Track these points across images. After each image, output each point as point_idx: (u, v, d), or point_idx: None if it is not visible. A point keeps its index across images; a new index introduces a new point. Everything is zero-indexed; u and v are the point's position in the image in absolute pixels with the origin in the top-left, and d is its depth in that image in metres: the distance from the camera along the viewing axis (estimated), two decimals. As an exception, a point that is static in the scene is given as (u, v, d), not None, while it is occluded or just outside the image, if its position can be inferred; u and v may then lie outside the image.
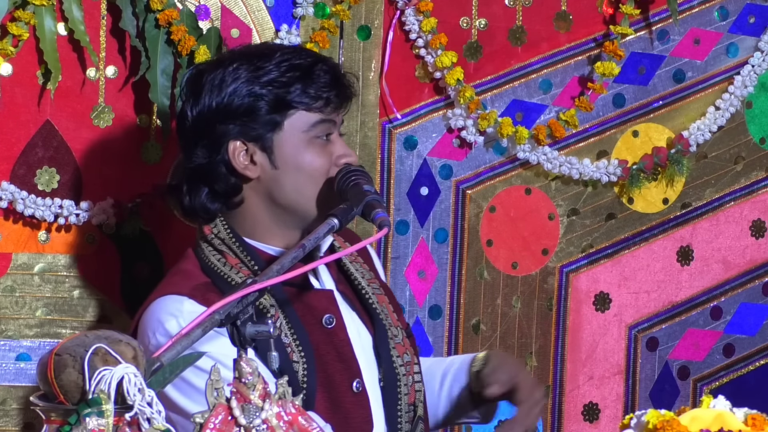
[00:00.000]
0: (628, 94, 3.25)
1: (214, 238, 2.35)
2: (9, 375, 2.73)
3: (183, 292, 2.27)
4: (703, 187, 3.34)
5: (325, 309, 2.33)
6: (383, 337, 2.37)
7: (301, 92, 2.32)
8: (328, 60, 2.43)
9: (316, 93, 2.33)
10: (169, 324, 2.24)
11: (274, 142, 2.33)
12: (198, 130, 2.36)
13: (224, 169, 2.34)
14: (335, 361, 2.31)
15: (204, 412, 1.63)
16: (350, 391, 2.30)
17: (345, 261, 2.42)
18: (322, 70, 2.35)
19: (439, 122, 3.08)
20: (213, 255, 2.34)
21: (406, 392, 2.35)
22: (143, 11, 2.74)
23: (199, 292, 2.26)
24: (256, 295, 1.77)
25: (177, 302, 2.26)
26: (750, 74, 3.30)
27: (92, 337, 1.56)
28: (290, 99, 2.32)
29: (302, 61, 2.35)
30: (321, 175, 2.32)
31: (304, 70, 2.34)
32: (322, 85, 2.33)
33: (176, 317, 2.24)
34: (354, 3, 2.93)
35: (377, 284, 2.45)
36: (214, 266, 2.33)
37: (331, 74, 2.36)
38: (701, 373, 3.37)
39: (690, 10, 3.27)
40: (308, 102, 2.32)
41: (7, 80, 2.69)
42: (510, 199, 3.17)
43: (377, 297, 2.42)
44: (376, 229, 2.13)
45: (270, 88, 2.32)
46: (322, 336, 2.31)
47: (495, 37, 3.11)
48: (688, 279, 3.34)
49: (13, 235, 2.73)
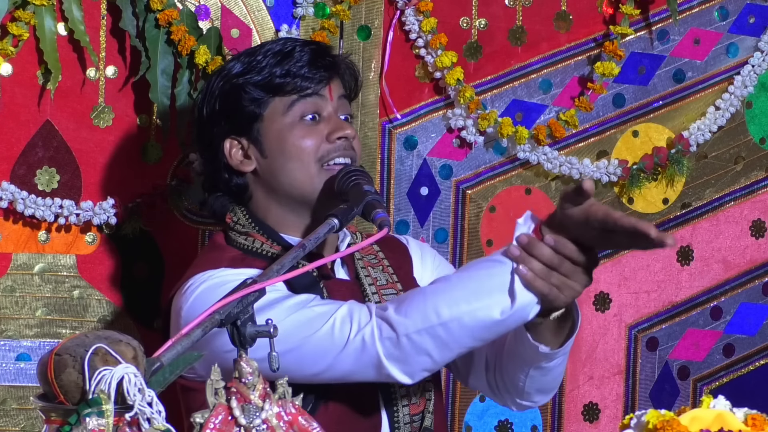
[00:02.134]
0: (628, 94, 3.25)
1: (236, 224, 2.35)
2: (9, 375, 2.73)
3: (220, 265, 2.25)
4: (703, 187, 3.34)
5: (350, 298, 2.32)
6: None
7: (276, 76, 2.30)
8: (313, 42, 2.40)
9: (290, 73, 2.30)
10: (206, 284, 2.20)
11: (260, 132, 2.32)
12: (199, 141, 2.40)
13: (225, 173, 2.35)
14: None
15: (204, 412, 1.63)
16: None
17: (357, 264, 2.40)
18: (302, 51, 2.33)
19: (439, 122, 3.08)
20: (240, 237, 2.33)
21: (406, 403, 2.33)
22: (143, 11, 2.74)
23: (236, 261, 2.26)
24: (256, 295, 1.77)
25: (212, 270, 2.23)
26: (750, 74, 3.31)
27: (92, 337, 1.56)
28: (266, 84, 2.31)
29: (281, 47, 2.34)
30: (309, 156, 2.30)
31: (282, 54, 2.32)
32: (298, 65, 2.31)
33: (211, 278, 2.21)
34: (354, 3, 2.93)
35: (395, 290, 2.39)
36: (243, 245, 2.32)
37: (310, 54, 2.32)
38: (701, 373, 3.37)
39: (690, 10, 3.27)
40: (282, 84, 2.31)
41: (7, 80, 2.69)
42: (510, 199, 3.17)
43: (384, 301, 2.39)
44: (376, 229, 2.12)
45: (248, 77, 2.31)
46: None
47: (495, 37, 3.11)
48: (688, 279, 3.34)
49: (13, 235, 2.73)
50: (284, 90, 2.31)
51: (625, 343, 3.30)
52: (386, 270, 2.43)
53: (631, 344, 3.30)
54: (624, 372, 3.28)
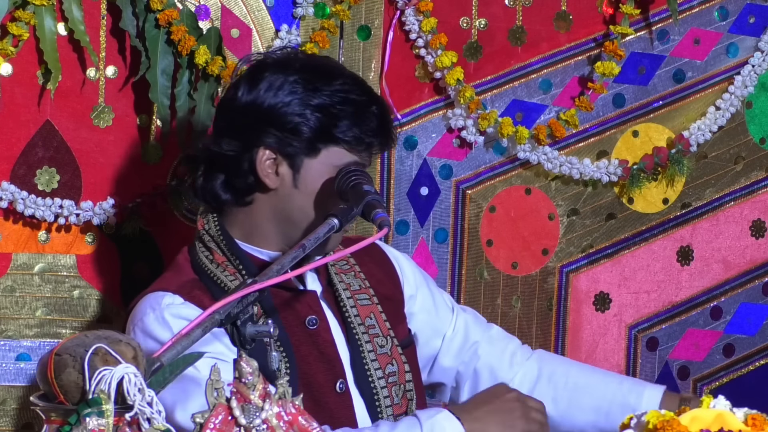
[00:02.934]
0: (628, 94, 3.25)
1: (204, 234, 2.37)
2: (9, 375, 2.73)
3: (169, 288, 2.30)
4: (703, 187, 3.34)
5: (308, 310, 2.35)
6: (355, 347, 2.37)
7: (347, 130, 2.32)
8: (381, 101, 2.41)
9: (361, 135, 2.33)
10: (147, 317, 2.27)
11: (303, 165, 2.32)
12: (238, 121, 2.35)
13: (247, 167, 2.34)
14: (318, 361, 2.32)
15: (204, 412, 1.63)
16: (333, 392, 2.32)
17: (330, 270, 2.42)
18: (372, 113, 2.35)
19: (439, 122, 3.08)
20: (202, 252, 2.36)
21: (389, 404, 2.35)
22: (143, 11, 2.74)
23: (185, 289, 2.29)
24: (256, 295, 1.77)
25: (158, 298, 2.29)
26: (750, 74, 3.30)
27: (92, 337, 1.56)
28: (335, 133, 2.32)
29: (357, 97, 2.34)
30: (326, 209, 2.30)
31: (358, 107, 2.34)
32: (368, 129, 2.34)
33: (154, 310, 2.27)
34: (354, 3, 2.93)
35: (368, 294, 2.44)
36: (203, 263, 2.35)
37: (379, 119, 2.36)
38: (701, 373, 3.37)
39: (690, 10, 3.27)
40: (350, 142, 2.32)
41: (7, 80, 2.69)
42: (510, 199, 3.17)
43: (362, 308, 2.41)
44: (376, 229, 2.13)
45: (319, 116, 2.31)
46: (304, 336, 2.33)
47: (495, 37, 3.11)
48: (688, 279, 3.34)
49: (13, 235, 2.73)
50: (351, 147, 2.33)
51: (625, 343, 3.29)
52: (358, 276, 2.46)
53: (631, 344, 3.30)
54: (624, 372, 3.28)
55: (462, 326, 2.58)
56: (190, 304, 2.25)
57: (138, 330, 2.28)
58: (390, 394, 2.36)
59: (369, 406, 2.35)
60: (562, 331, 3.22)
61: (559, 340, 3.22)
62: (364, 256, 2.49)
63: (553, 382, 2.51)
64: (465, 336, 2.57)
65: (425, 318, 2.55)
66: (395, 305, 2.50)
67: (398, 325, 2.47)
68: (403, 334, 2.47)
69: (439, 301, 2.59)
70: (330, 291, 2.41)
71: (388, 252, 2.57)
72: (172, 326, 2.22)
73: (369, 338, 2.39)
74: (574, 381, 2.50)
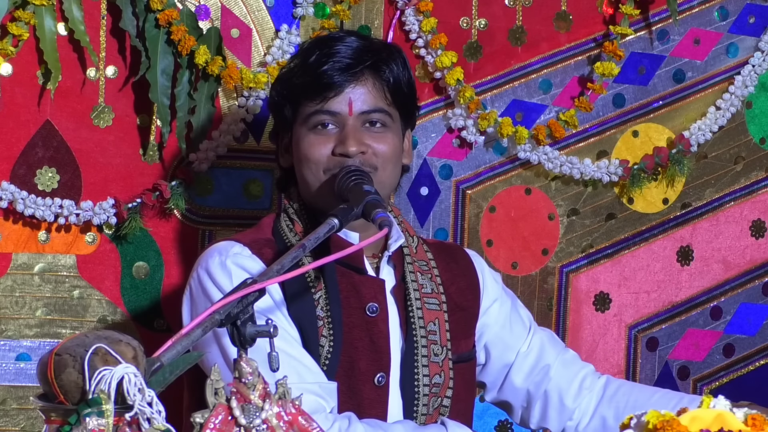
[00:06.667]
0: (628, 94, 3.25)
1: (288, 207, 2.42)
2: (9, 375, 2.73)
3: (242, 240, 2.35)
4: (703, 187, 3.34)
5: (372, 297, 2.34)
6: (410, 348, 2.36)
7: (304, 84, 2.36)
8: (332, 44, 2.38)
9: (312, 82, 2.35)
10: (213, 260, 2.30)
11: (293, 134, 2.40)
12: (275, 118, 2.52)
13: (277, 157, 2.49)
14: (367, 349, 2.31)
15: (204, 411, 1.63)
16: (371, 383, 2.31)
17: (406, 267, 2.41)
18: (323, 56, 2.36)
19: (439, 122, 3.08)
20: (285, 221, 2.40)
21: (424, 412, 2.35)
22: (143, 11, 2.74)
23: (256, 244, 2.34)
24: (256, 295, 1.77)
25: (228, 246, 2.33)
26: (750, 74, 3.31)
27: (92, 337, 1.56)
28: (296, 91, 2.37)
29: (317, 55, 2.36)
30: (316, 167, 2.34)
31: (306, 57, 2.38)
32: (318, 74, 2.34)
33: (221, 255, 2.30)
34: (354, 3, 2.93)
35: (438, 300, 2.42)
36: (282, 229, 2.39)
37: (331, 61, 2.35)
38: (701, 373, 3.37)
39: (690, 10, 3.28)
40: (307, 93, 2.36)
41: (7, 80, 2.69)
42: (510, 199, 3.17)
43: (428, 312, 2.40)
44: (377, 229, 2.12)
45: (289, 82, 2.39)
46: (360, 321, 2.32)
47: (495, 37, 3.11)
48: (688, 279, 3.34)
49: (13, 235, 2.73)
50: (308, 98, 2.35)
51: (625, 343, 3.30)
52: (434, 279, 2.45)
53: (631, 344, 3.30)
54: (624, 372, 3.28)
55: (537, 345, 2.55)
56: (257, 258, 2.30)
57: (201, 269, 2.31)
58: (428, 403, 2.36)
59: (406, 408, 2.34)
60: (562, 331, 3.22)
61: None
62: (450, 262, 2.50)
63: (615, 401, 2.49)
64: (539, 355, 2.55)
65: (498, 331, 2.54)
66: (466, 317, 2.48)
67: (462, 339, 2.45)
68: (464, 348, 2.45)
69: (516, 317, 2.57)
70: (401, 287, 2.40)
71: (476, 263, 2.56)
72: (232, 273, 2.26)
73: (427, 343, 2.37)
74: (635, 399, 2.48)
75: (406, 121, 2.43)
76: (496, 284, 2.57)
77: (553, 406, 2.52)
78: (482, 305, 2.52)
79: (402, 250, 2.41)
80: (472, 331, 2.49)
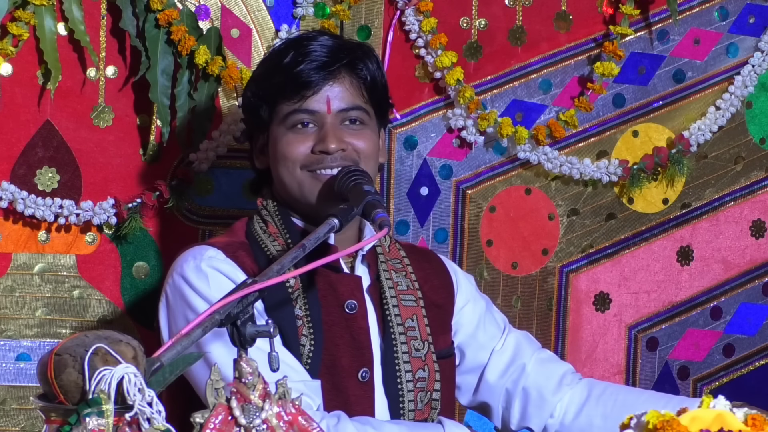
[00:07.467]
0: (628, 94, 3.25)
1: (262, 209, 2.42)
2: (9, 375, 2.73)
3: (215, 245, 2.34)
4: (703, 187, 3.34)
5: (350, 294, 2.35)
6: (388, 344, 2.36)
7: (280, 84, 2.36)
8: (306, 44, 2.39)
9: (289, 82, 2.35)
10: (187, 264, 2.30)
11: (270, 134, 2.39)
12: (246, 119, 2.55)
13: (251, 160, 2.48)
14: (348, 346, 2.32)
15: (204, 412, 1.63)
16: (355, 379, 2.31)
17: (380, 266, 2.41)
18: (298, 56, 2.36)
19: (439, 122, 3.08)
20: (258, 223, 2.40)
21: (412, 408, 2.35)
22: (143, 11, 2.74)
23: (230, 248, 2.33)
24: (256, 295, 1.77)
25: (203, 250, 2.33)
26: (750, 74, 3.31)
27: (92, 337, 1.56)
28: (273, 92, 2.37)
29: (292, 56, 2.36)
30: (293, 164, 2.34)
31: (290, 57, 2.36)
32: (294, 74, 2.35)
33: (195, 259, 2.30)
34: (354, 3, 2.93)
35: (414, 297, 2.43)
36: (256, 232, 2.39)
37: (307, 60, 2.35)
38: (701, 373, 3.37)
39: (690, 10, 3.27)
40: (284, 93, 2.36)
41: (7, 80, 2.69)
42: (510, 199, 3.17)
43: (405, 308, 2.40)
44: (377, 229, 2.12)
45: (264, 82, 2.39)
46: (339, 319, 2.33)
47: (495, 37, 3.11)
48: (688, 279, 3.34)
49: (13, 235, 2.73)
50: (286, 97, 2.35)
51: (625, 343, 3.30)
52: (409, 276, 2.45)
53: (631, 344, 3.30)
54: (624, 372, 3.28)
55: (512, 343, 2.54)
56: (231, 262, 2.29)
57: (176, 275, 2.31)
58: (415, 398, 2.35)
59: (392, 404, 2.34)
60: (562, 331, 3.22)
61: (559, 340, 3.22)
62: (423, 262, 2.50)
63: (602, 401, 2.47)
64: (514, 353, 2.53)
65: (471, 331, 2.53)
66: (442, 314, 2.48)
67: (440, 335, 2.45)
68: (443, 344, 2.45)
69: (490, 318, 2.56)
70: (377, 285, 2.40)
71: (448, 264, 2.57)
72: (209, 276, 2.26)
73: (406, 339, 2.37)
74: (623, 399, 2.45)
75: (381, 120, 2.44)
76: (470, 285, 2.57)
77: (532, 402, 2.50)
78: (456, 304, 2.52)
79: (375, 250, 2.42)
80: (448, 327, 2.50)
